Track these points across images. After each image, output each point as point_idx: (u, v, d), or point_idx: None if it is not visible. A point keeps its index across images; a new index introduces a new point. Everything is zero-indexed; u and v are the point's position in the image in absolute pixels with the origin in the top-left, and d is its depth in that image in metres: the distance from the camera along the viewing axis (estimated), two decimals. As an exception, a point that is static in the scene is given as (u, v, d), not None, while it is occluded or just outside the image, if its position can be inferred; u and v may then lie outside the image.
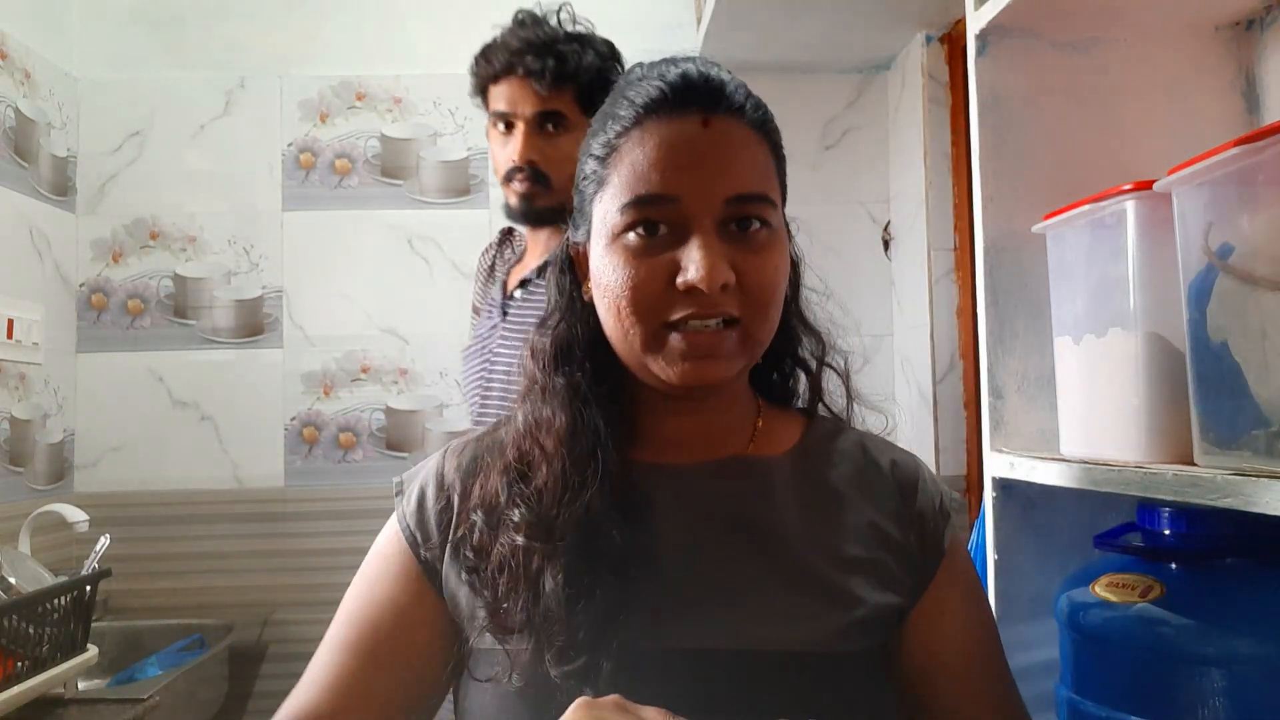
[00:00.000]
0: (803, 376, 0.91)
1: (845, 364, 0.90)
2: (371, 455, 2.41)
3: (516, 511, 0.76)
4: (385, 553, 0.83)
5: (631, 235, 0.75)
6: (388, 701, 0.77)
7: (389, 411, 2.43)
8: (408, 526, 0.82)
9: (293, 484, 2.39)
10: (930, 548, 0.81)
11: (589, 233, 0.81)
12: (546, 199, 1.48)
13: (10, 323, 2.09)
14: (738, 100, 0.77)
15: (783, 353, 0.90)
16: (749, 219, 0.76)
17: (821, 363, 0.89)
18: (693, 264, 0.72)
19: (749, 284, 0.75)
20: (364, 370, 2.43)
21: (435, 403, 2.43)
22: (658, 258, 0.74)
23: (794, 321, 0.88)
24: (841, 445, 0.86)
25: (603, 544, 0.73)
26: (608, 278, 0.76)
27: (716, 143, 0.75)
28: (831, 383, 0.90)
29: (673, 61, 0.79)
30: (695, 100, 0.76)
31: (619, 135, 0.77)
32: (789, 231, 0.85)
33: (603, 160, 0.78)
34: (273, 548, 2.34)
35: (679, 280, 0.73)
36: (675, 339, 0.74)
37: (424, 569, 0.80)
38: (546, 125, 1.48)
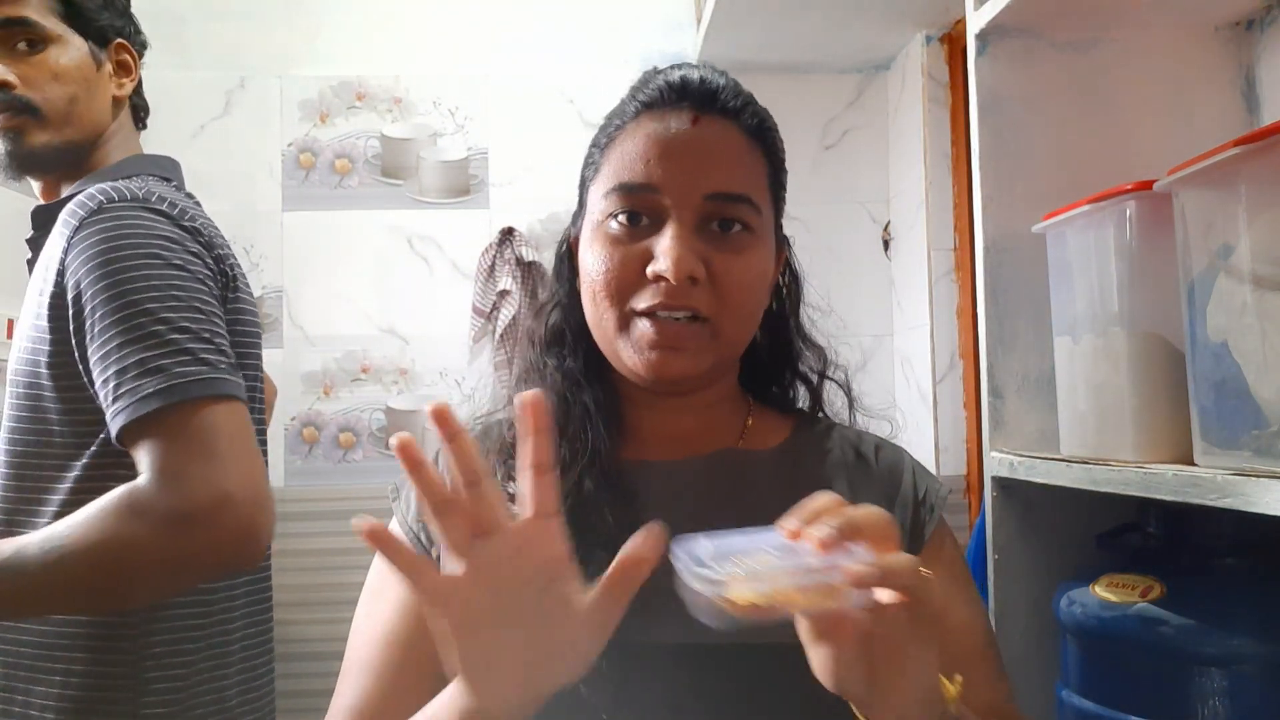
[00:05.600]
0: (803, 389, 0.91)
1: (846, 377, 0.90)
2: (371, 455, 2.41)
3: (512, 485, 0.76)
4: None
5: (614, 223, 0.77)
6: (408, 695, 0.76)
7: (389, 411, 2.42)
8: (410, 528, 0.82)
9: (292, 484, 2.38)
10: (910, 535, 0.81)
11: (583, 221, 0.83)
12: (42, 132, 1.15)
13: (10, 323, 2.09)
14: (732, 104, 0.80)
15: (783, 366, 0.91)
16: (729, 220, 0.77)
17: (823, 376, 0.90)
18: (662, 253, 0.74)
19: (721, 283, 0.76)
20: (364, 370, 2.43)
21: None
22: (634, 245, 0.76)
23: (795, 338, 0.89)
24: (829, 440, 0.87)
25: (596, 524, 0.74)
26: (589, 263, 0.79)
27: (703, 140, 0.78)
28: (832, 393, 0.91)
29: (679, 66, 0.82)
30: (688, 99, 0.79)
31: (618, 129, 0.81)
32: (788, 245, 0.87)
33: (602, 149, 0.82)
34: (273, 547, 2.34)
35: (649, 269, 0.75)
36: (644, 325, 0.76)
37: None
38: (16, 42, 1.14)
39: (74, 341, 1.00)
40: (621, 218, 0.77)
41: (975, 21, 1.09)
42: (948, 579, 0.82)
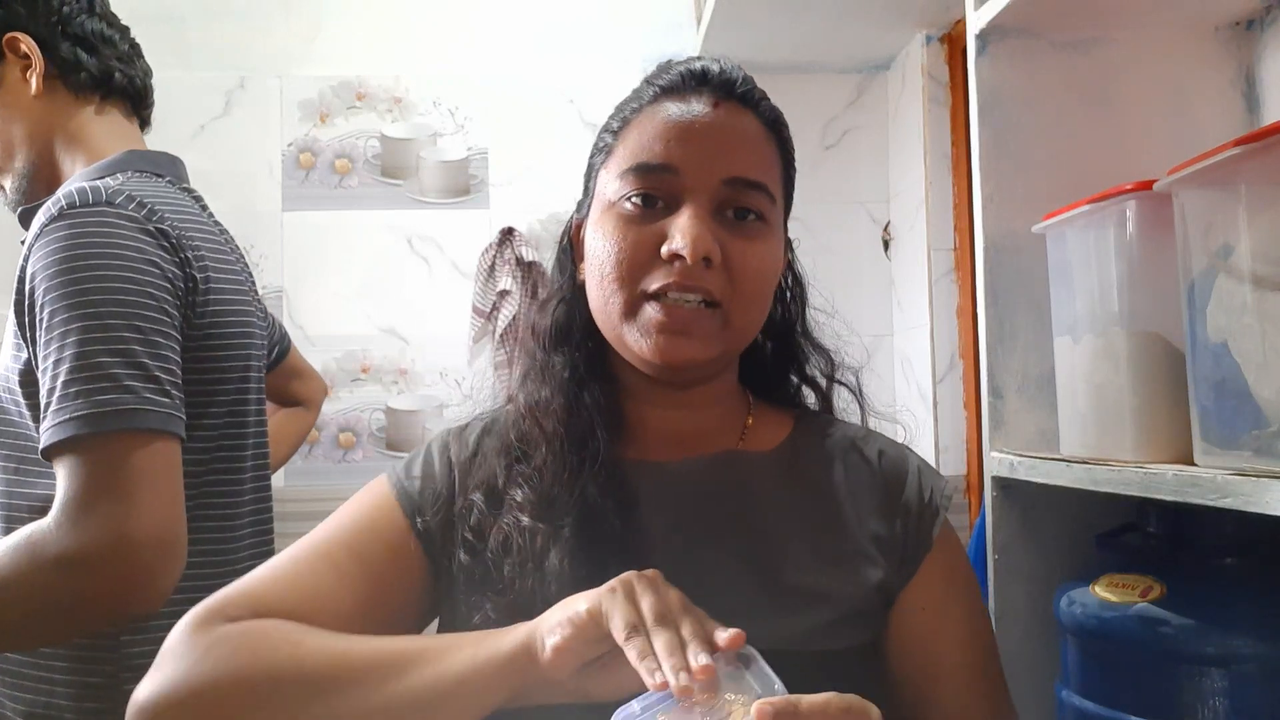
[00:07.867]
0: (812, 394, 0.91)
1: (857, 380, 0.90)
2: (371, 455, 2.41)
3: (518, 491, 0.76)
4: (369, 497, 0.83)
5: (627, 204, 0.76)
6: (339, 603, 0.74)
7: (389, 411, 2.43)
8: (400, 485, 0.81)
9: (292, 484, 2.38)
10: (916, 541, 0.81)
11: (590, 206, 0.82)
12: None
13: (10, 323, 2.09)
14: (753, 95, 0.80)
15: (789, 371, 0.91)
16: (745, 208, 0.77)
17: (831, 379, 0.90)
18: (679, 232, 0.74)
19: (735, 268, 0.76)
20: (364, 370, 2.43)
21: (435, 403, 2.43)
22: (649, 227, 0.75)
23: (802, 342, 0.89)
24: (830, 440, 0.86)
25: (604, 530, 0.74)
26: (597, 244, 0.77)
27: (723, 124, 0.77)
28: (842, 398, 0.91)
29: (697, 57, 0.82)
30: (710, 85, 0.79)
31: (633, 111, 0.80)
32: (791, 248, 0.87)
33: (615, 133, 0.81)
34: (275, 548, 2.34)
35: (664, 249, 0.74)
36: (652, 308, 0.75)
37: (409, 519, 0.79)
38: None
39: (31, 351, 0.97)
40: (636, 198, 0.76)
41: (975, 21, 1.09)
42: (948, 592, 0.82)
